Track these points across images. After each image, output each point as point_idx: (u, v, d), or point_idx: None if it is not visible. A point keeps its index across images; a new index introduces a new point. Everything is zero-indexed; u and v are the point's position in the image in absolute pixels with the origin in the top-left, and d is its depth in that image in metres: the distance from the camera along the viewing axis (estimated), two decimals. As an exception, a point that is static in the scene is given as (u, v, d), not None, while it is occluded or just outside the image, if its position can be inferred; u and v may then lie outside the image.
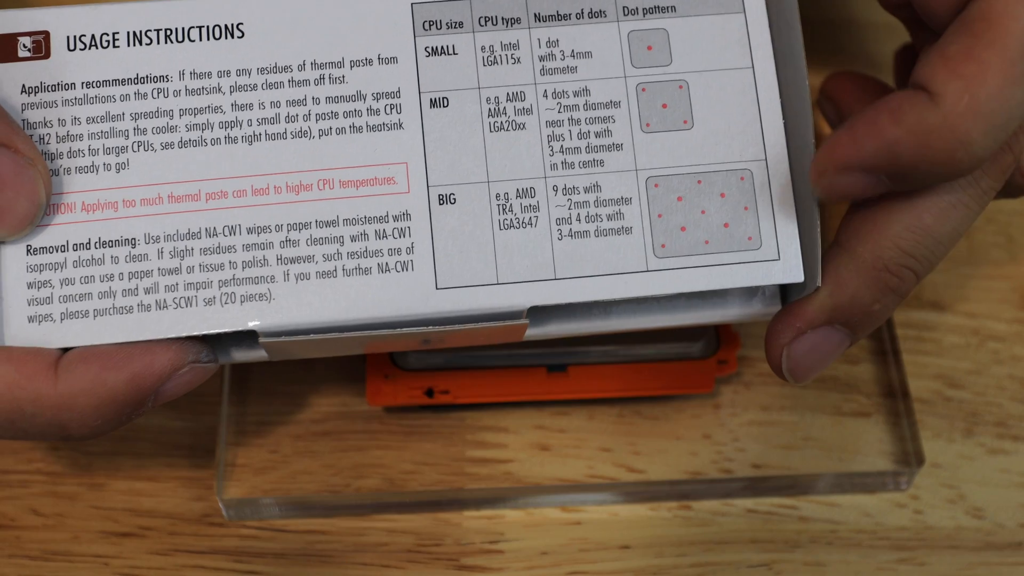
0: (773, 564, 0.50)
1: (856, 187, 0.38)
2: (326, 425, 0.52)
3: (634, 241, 0.40)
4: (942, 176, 0.37)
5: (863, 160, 0.37)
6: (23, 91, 0.40)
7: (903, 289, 0.40)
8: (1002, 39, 0.36)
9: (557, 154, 0.41)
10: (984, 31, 0.36)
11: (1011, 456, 0.52)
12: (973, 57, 0.36)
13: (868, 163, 0.37)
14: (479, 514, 0.50)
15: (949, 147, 0.36)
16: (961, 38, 0.36)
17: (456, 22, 0.42)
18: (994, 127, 0.36)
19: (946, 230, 0.39)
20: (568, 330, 0.42)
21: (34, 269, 0.39)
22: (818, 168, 0.38)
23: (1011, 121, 0.36)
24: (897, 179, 0.37)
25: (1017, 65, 0.35)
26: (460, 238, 0.40)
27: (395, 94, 0.41)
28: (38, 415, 0.38)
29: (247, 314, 0.39)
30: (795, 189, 0.41)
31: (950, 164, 0.36)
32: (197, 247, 0.39)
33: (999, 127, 0.36)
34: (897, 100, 0.37)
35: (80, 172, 0.40)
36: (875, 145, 0.37)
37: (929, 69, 0.36)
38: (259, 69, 0.41)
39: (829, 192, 0.38)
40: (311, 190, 0.40)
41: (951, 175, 0.37)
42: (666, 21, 0.42)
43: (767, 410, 0.52)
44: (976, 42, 0.36)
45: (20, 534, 0.49)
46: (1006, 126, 0.36)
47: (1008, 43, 0.35)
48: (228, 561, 0.49)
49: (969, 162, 0.36)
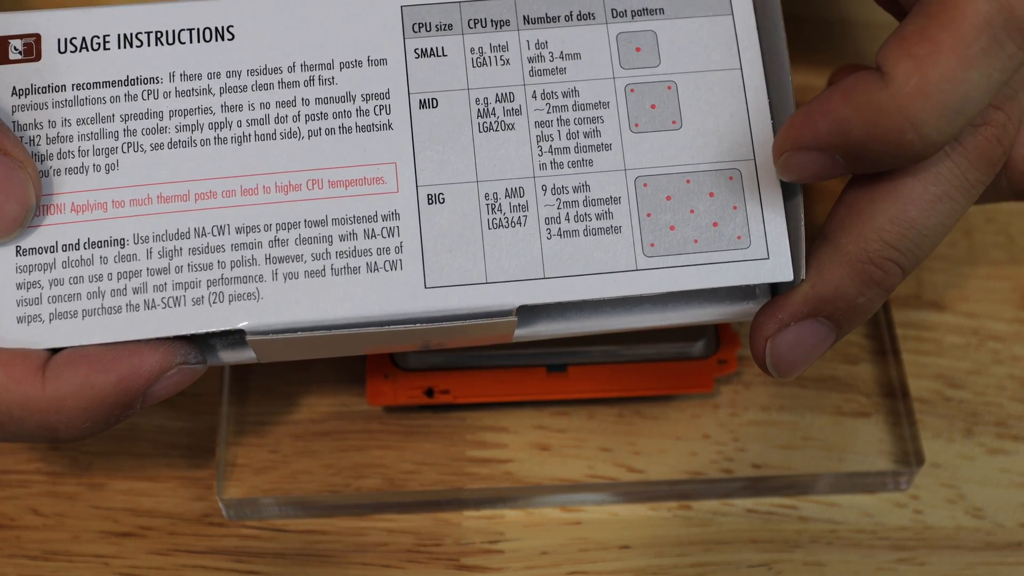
0: (773, 564, 0.50)
1: (813, 166, 0.38)
2: (326, 425, 0.52)
3: (623, 240, 0.40)
4: (896, 158, 0.37)
5: (817, 139, 0.37)
6: (14, 93, 0.40)
7: (888, 283, 0.39)
8: (957, 20, 0.35)
9: (546, 154, 0.41)
10: (940, 12, 0.36)
11: (1011, 456, 0.52)
12: (926, 37, 0.36)
13: (822, 142, 0.37)
14: (479, 514, 0.51)
15: (898, 126, 0.35)
16: (918, 19, 0.36)
17: (445, 24, 0.42)
18: (947, 109, 0.35)
19: (932, 223, 0.39)
20: (558, 330, 0.42)
21: (23, 270, 0.39)
22: (777, 148, 0.38)
23: (966, 104, 0.35)
24: (851, 159, 0.37)
25: (971, 47, 0.35)
26: (449, 237, 0.40)
27: (385, 95, 0.41)
28: (26, 418, 0.38)
29: (236, 314, 0.39)
30: (783, 188, 0.41)
31: (901, 145, 0.36)
32: (186, 247, 0.40)
33: (953, 110, 0.35)
34: (852, 80, 0.37)
35: (70, 173, 0.40)
36: (827, 123, 0.37)
37: (885, 50, 0.36)
38: (249, 71, 0.41)
39: (788, 171, 0.39)
40: (300, 190, 0.40)
41: (905, 157, 0.37)
42: (654, 23, 0.42)
43: (767, 410, 0.52)
44: (931, 23, 0.36)
45: (20, 534, 0.49)
46: (961, 109, 0.35)
47: (963, 24, 0.35)
48: (228, 561, 0.49)
49: (921, 144, 0.36)
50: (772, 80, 0.41)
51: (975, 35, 0.35)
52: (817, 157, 0.38)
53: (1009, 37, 0.35)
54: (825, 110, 0.37)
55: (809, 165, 0.38)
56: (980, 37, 0.35)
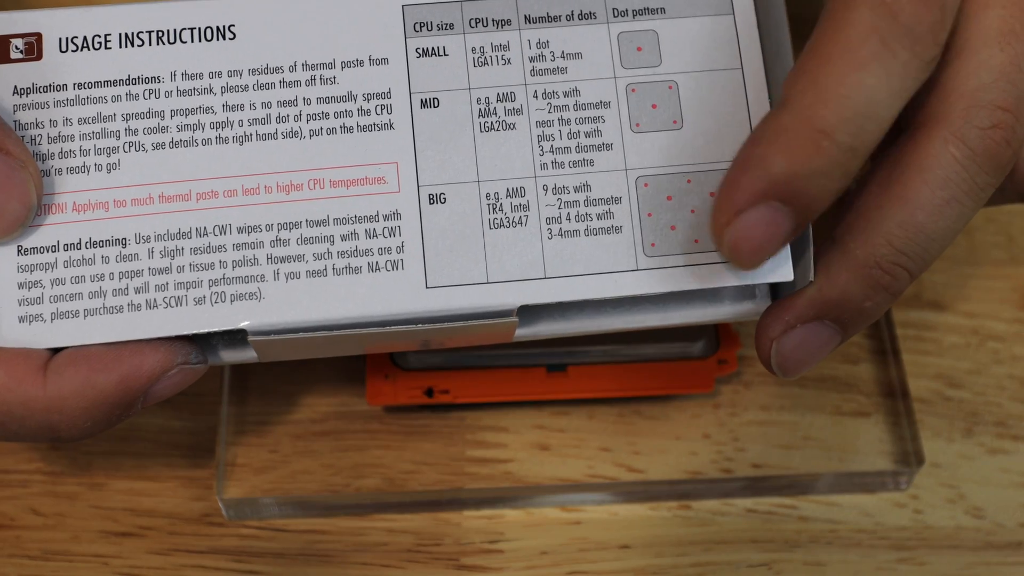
0: (773, 564, 0.50)
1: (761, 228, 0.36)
2: (326, 425, 0.52)
3: (624, 240, 0.40)
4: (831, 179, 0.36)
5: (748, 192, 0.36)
6: (15, 92, 0.40)
7: (896, 287, 0.39)
8: (843, 30, 0.35)
9: (547, 154, 0.41)
10: (827, 27, 0.36)
11: (1011, 456, 0.52)
12: (815, 52, 0.36)
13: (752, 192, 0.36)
14: (479, 514, 0.51)
15: (809, 139, 0.35)
16: (809, 44, 0.36)
17: (447, 23, 0.42)
18: (850, 112, 0.35)
19: (940, 227, 0.38)
20: (559, 330, 0.42)
21: (25, 270, 0.39)
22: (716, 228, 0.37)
23: (873, 107, 0.35)
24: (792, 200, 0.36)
25: (859, 52, 0.35)
26: (450, 237, 0.40)
27: (386, 95, 0.41)
28: (28, 418, 0.38)
29: (237, 313, 0.39)
30: None
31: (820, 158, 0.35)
32: (187, 247, 0.40)
33: (857, 113, 0.35)
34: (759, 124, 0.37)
35: (71, 172, 0.40)
36: (747, 171, 0.36)
37: (785, 82, 0.36)
38: (250, 70, 0.41)
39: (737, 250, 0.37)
40: (302, 190, 0.40)
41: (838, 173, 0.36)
42: (656, 22, 0.42)
43: (767, 410, 0.52)
44: (819, 39, 0.36)
45: (20, 534, 0.49)
46: (868, 113, 0.35)
47: (848, 32, 0.35)
48: (228, 561, 0.49)
49: (841, 153, 0.35)
50: (774, 80, 0.41)
51: (861, 41, 0.35)
52: (758, 215, 0.36)
53: (898, 43, 0.35)
54: (741, 161, 0.36)
55: (757, 228, 0.36)
56: (867, 42, 0.35)
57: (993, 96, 0.38)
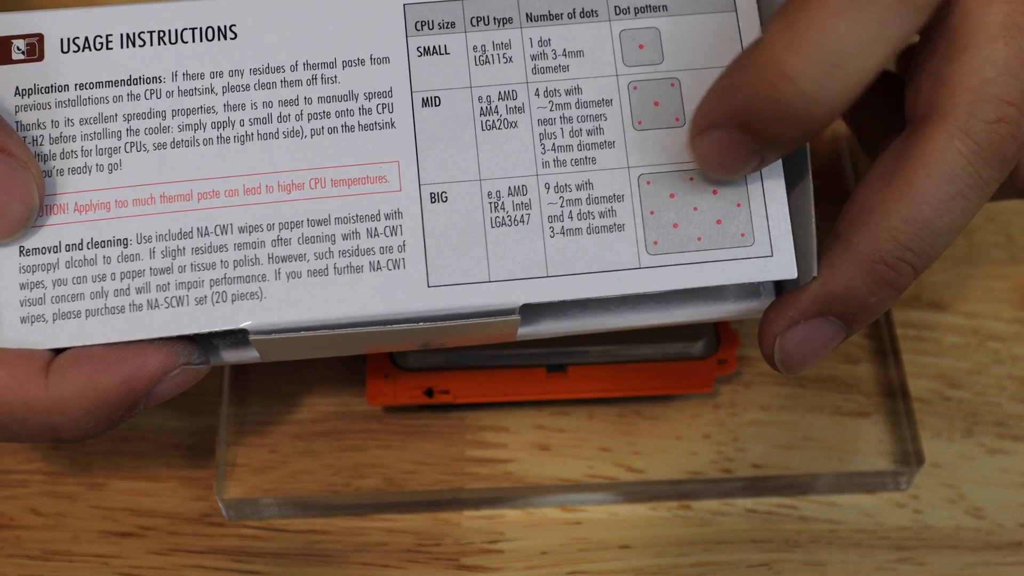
0: (773, 564, 0.50)
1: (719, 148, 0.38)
2: (326, 425, 0.52)
3: (626, 238, 0.40)
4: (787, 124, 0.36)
5: (710, 115, 0.37)
6: (17, 93, 0.40)
7: (900, 283, 0.39)
8: None
9: (549, 152, 0.41)
10: None
11: (1011, 456, 0.52)
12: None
13: (714, 116, 0.37)
14: (479, 514, 0.51)
15: (771, 80, 0.35)
16: None
17: (448, 22, 0.42)
18: (819, 61, 0.34)
19: (945, 222, 0.38)
20: (561, 328, 0.42)
21: (27, 270, 0.39)
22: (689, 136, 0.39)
23: (843, 58, 0.35)
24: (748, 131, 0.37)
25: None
26: (452, 236, 0.40)
27: (387, 93, 0.41)
28: (30, 419, 0.38)
29: (239, 313, 0.39)
30: (788, 185, 0.41)
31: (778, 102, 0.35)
32: (189, 247, 0.40)
33: (826, 62, 0.34)
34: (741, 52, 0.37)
35: (73, 173, 0.40)
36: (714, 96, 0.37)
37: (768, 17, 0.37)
38: (252, 70, 0.41)
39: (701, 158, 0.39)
40: (303, 189, 0.40)
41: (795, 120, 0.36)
42: (658, 20, 0.42)
43: (767, 410, 0.52)
44: None
45: (20, 534, 0.49)
46: (837, 62, 0.35)
47: None
48: (228, 561, 0.49)
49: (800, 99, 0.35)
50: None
51: None
52: (719, 136, 0.38)
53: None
54: (713, 86, 0.37)
55: (716, 148, 0.38)
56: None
57: (998, 90, 0.38)
